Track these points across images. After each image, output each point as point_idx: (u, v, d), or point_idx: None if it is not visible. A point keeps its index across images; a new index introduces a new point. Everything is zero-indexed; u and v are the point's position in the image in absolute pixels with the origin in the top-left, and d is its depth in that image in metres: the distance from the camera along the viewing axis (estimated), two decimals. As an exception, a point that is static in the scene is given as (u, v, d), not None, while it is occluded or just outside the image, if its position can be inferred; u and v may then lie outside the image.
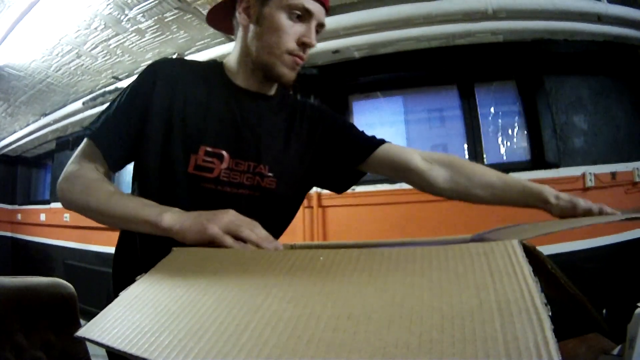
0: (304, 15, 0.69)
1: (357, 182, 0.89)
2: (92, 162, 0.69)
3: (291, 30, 0.69)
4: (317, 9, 0.70)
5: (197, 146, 0.70)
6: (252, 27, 0.72)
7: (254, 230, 0.56)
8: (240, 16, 0.73)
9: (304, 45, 0.70)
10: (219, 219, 0.55)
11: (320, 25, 0.73)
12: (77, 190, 0.66)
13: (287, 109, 0.82)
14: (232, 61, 0.77)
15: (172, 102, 0.70)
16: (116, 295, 0.42)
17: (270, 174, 0.75)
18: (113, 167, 0.70)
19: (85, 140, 0.70)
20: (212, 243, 0.54)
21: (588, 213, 0.71)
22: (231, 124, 0.73)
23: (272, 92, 0.80)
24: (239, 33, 0.76)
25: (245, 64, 0.75)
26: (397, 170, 0.83)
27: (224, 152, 0.72)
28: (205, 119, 0.71)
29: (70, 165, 0.69)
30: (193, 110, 0.71)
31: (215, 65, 0.78)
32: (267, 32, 0.70)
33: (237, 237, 0.54)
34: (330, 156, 0.83)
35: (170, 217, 0.58)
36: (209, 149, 0.71)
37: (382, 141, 0.85)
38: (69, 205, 0.67)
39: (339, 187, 0.89)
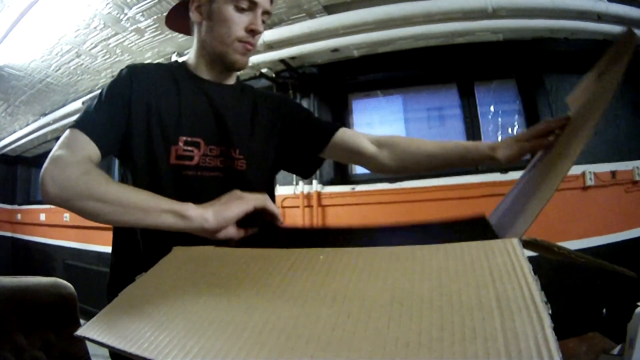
0: (249, 6, 0.76)
1: (319, 168, 0.97)
2: (81, 149, 0.65)
3: (239, 20, 0.76)
4: None
5: (176, 137, 0.75)
6: (204, 23, 0.79)
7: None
8: (193, 15, 0.80)
9: (252, 32, 0.77)
10: (245, 195, 0.62)
11: (266, 13, 0.79)
12: (73, 174, 0.59)
13: (249, 97, 0.89)
14: (192, 58, 0.84)
15: (149, 102, 0.75)
16: (114, 296, 0.42)
17: (240, 157, 0.81)
18: (102, 149, 0.68)
19: (67, 132, 0.67)
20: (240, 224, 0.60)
21: (537, 147, 0.69)
22: (202, 113, 0.79)
23: (233, 81, 0.87)
24: (195, 31, 0.82)
25: (204, 58, 0.82)
26: (351, 154, 0.91)
27: (200, 140, 0.77)
28: (179, 111, 0.76)
29: (57, 151, 0.63)
30: (167, 105, 0.76)
31: (179, 64, 0.85)
32: (218, 25, 0.76)
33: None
34: (291, 144, 0.90)
35: (194, 207, 0.60)
36: (187, 138, 0.76)
37: (338, 126, 0.91)
38: (59, 193, 0.58)
39: (304, 173, 0.97)
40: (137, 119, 0.73)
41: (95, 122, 0.70)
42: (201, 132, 0.77)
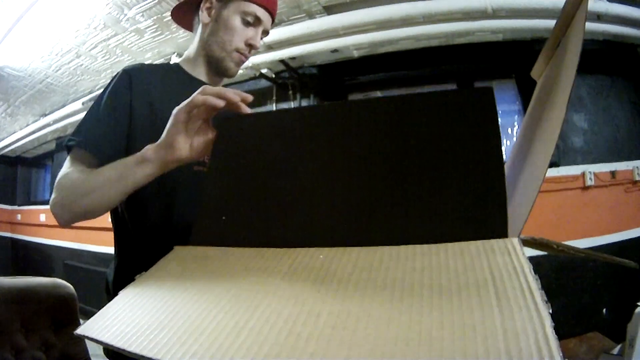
0: (254, 21, 0.81)
1: None
2: (80, 164, 0.68)
3: (242, 32, 0.80)
4: (265, 17, 0.82)
5: None
6: (211, 24, 0.82)
7: (213, 91, 0.55)
8: (202, 14, 0.82)
9: (250, 46, 0.82)
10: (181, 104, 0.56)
11: (265, 32, 0.85)
12: (63, 191, 0.64)
13: None
14: (191, 56, 0.86)
15: (151, 102, 0.75)
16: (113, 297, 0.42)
17: None
18: (103, 160, 0.68)
19: (72, 150, 0.70)
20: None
21: None
22: None
23: (221, 85, 0.90)
24: (199, 29, 0.84)
25: (203, 58, 0.84)
26: None
27: None
28: None
29: (57, 178, 0.68)
30: (171, 104, 0.74)
31: (174, 66, 0.87)
32: (222, 31, 0.80)
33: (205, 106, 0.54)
34: None
35: (151, 148, 0.59)
36: None
37: None
38: (62, 213, 0.65)
39: None
40: (140, 119, 0.73)
41: (96, 135, 0.70)
42: None
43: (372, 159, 0.44)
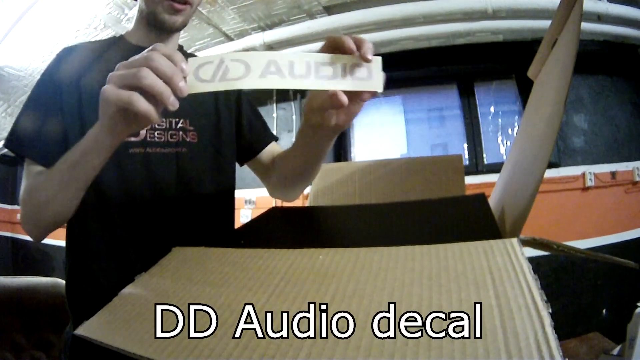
0: None
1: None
2: (35, 166, 0.65)
3: None
4: None
5: None
6: None
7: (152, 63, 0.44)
8: None
9: None
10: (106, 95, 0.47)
11: None
12: (25, 207, 0.63)
13: None
14: (134, 26, 0.78)
15: (81, 79, 0.69)
16: (76, 304, 0.41)
17: (191, 128, 0.75)
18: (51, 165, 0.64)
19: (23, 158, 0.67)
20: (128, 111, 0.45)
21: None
22: None
23: (173, 47, 0.81)
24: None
25: (141, 23, 0.76)
26: (262, 171, 0.86)
27: None
28: None
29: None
30: (103, 78, 0.68)
31: (117, 38, 0.80)
32: None
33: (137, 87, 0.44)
34: (231, 128, 0.84)
35: (92, 130, 0.52)
36: None
37: (271, 139, 0.87)
38: (35, 230, 0.63)
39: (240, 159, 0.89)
40: (68, 100, 0.68)
41: (35, 138, 0.67)
42: None
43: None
